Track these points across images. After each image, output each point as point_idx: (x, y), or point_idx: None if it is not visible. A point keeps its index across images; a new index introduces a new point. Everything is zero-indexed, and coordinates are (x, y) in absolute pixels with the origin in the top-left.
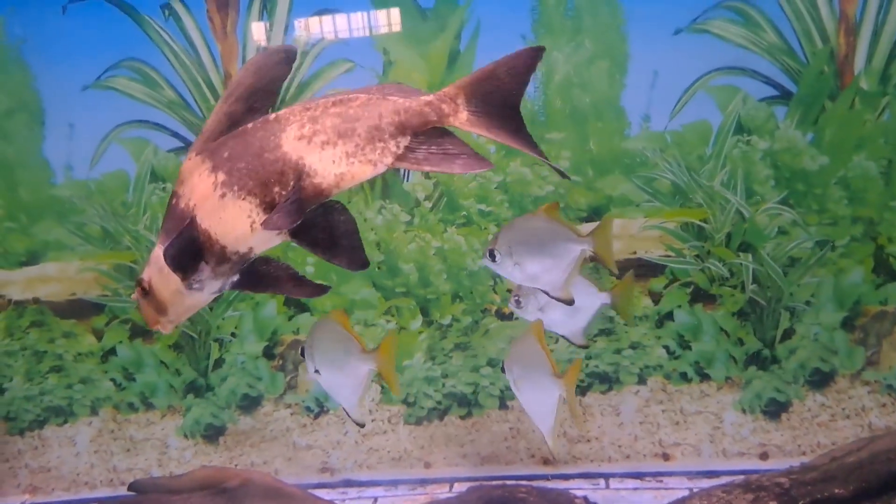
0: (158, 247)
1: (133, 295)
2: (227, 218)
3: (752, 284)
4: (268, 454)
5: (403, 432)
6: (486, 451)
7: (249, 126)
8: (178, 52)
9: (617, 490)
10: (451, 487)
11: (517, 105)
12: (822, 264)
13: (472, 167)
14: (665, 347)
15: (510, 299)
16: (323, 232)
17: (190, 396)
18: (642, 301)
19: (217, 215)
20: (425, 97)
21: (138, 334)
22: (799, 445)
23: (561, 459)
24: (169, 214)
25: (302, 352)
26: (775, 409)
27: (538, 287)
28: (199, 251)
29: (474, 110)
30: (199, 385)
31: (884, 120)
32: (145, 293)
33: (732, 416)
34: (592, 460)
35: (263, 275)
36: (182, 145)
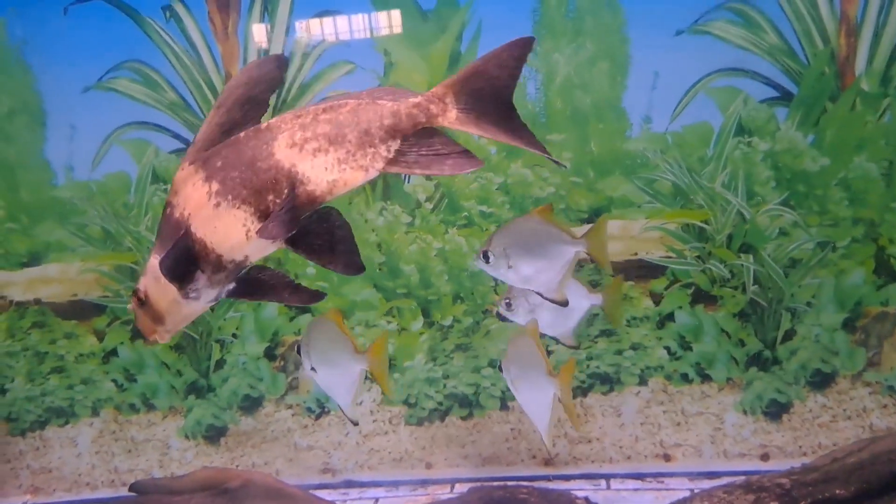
0: (154, 257)
1: (129, 305)
2: (222, 227)
3: (753, 285)
4: (269, 455)
5: (404, 433)
6: (488, 452)
7: (242, 135)
8: (180, 54)
9: (618, 491)
10: (453, 488)
11: (509, 98)
12: (823, 265)
13: (463, 167)
14: (666, 348)
15: (500, 302)
16: (318, 238)
17: (191, 397)
18: (643, 302)
19: (212, 224)
20: (413, 99)
21: (139, 335)
22: (800, 446)
23: (562, 460)
24: (163, 224)
25: (298, 350)
26: (776, 410)
27: (532, 289)
28: (195, 260)
29: (463, 108)
30: (201, 386)
31: (885, 121)
32: (142, 303)
33: (733, 417)
34: (593, 461)
35: (259, 283)
36: (183, 147)
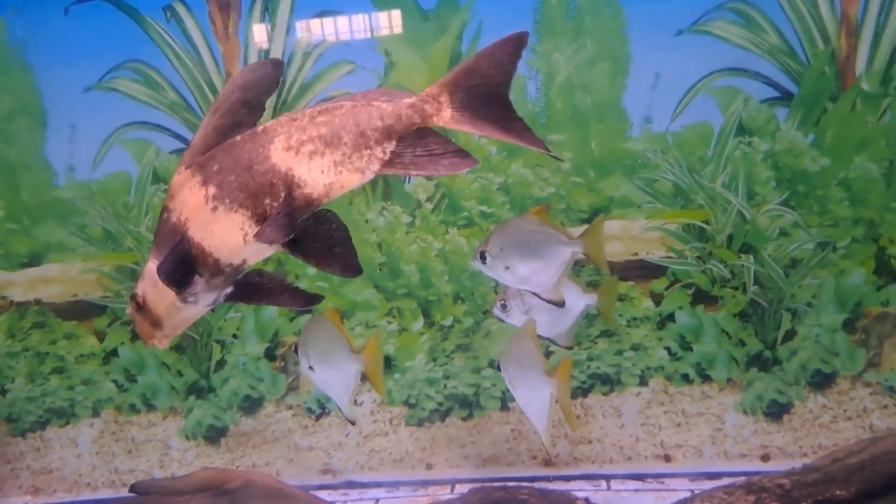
0: (151, 262)
1: (128, 311)
2: (220, 231)
3: (754, 286)
4: (269, 455)
5: (405, 434)
6: (488, 453)
7: (238, 138)
8: (180, 54)
9: (618, 491)
10: (453, 489)
11: (505, 95)
12: (824, 266)
13: (459, 167)
14: (666, 349)
15: (495, 304)
16: (316, 241)
17: (192, 398)
18: (643, 302)
19: (209, 228)
20: (408, 100)
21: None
22: (800, 447)
23: (562, 461)
24: (160, 229)
25: (295, 349)
26: (777, 411)
27: (529, 289)
28: (193, 265)
29: (458, 107)
30: (201, 386)
31: (885, 121)
32: (140, 308)
33: (734, 418)
34: (594, 462)
35: (257, 286)
36: (184, 147)
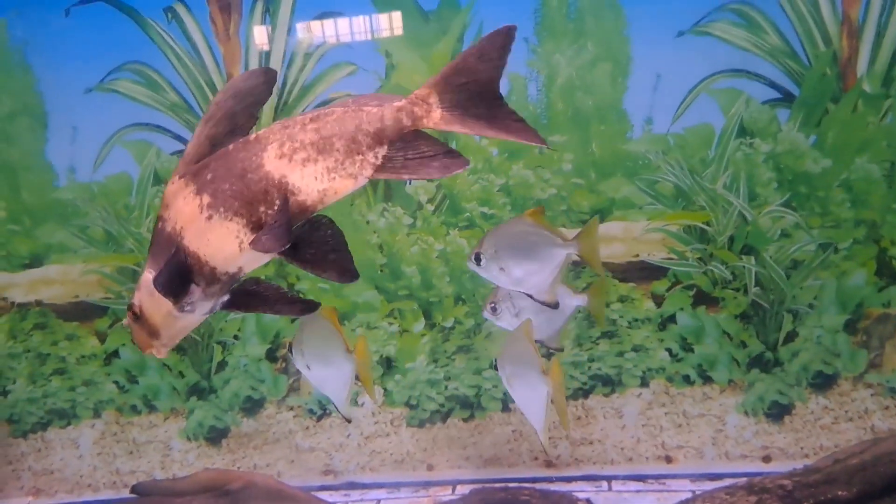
0: (147, 272)
1: (125, 321)
2: (215, 239)
3: (755, 287)
4: (271, 456)
5: (406, 435)
6: (489, 454)
7: (231, 147)
8: (181, 55)
9: (619, 492)
10: (454, 490)
11: (495, 91)
12: (825, 267)
13: (451, 168)
14: (668, 350)
15: (485, 306)
16: (311, 247)
17: (193, 399)
18: (645, 304)
19: (205, 237)
20: (397, 103)
21: None
22: (801, 448)
23: (563, 462)
24: (156, 239)
25: (289, 347)
26: (778, 412)
27: (523, 291)
28: (189, 274)
29: (448, 107)
30: (202, 387)
31: (886, 122)
32: (137, 318)
33: (735, 419)
34: (595, 463)
35: (254, 294)
36: (185, 148)
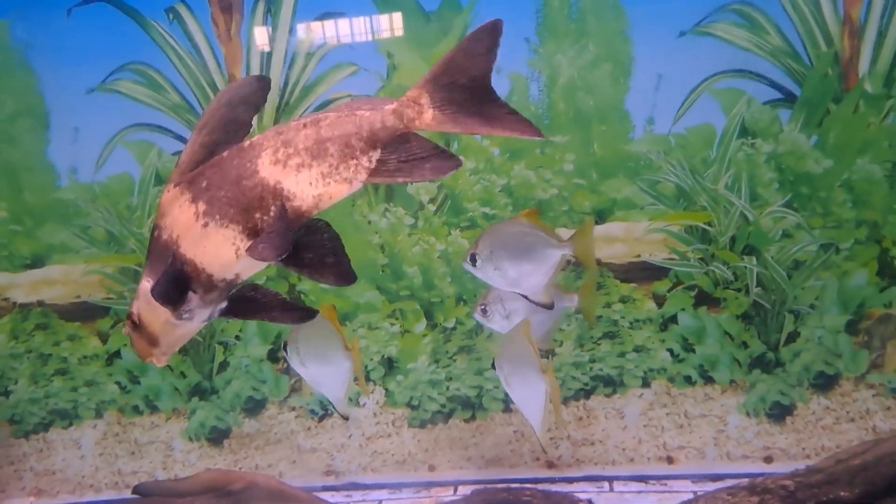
0: (145, 281)
1: (124, 330)
2: (212, 247)
3: (757, 287)
4: (272, 457)
5: (408, 435)
6: (491, 454)
7: (225, 154)
8: (183, 56)
9: (621, 493)
10: (456, 490)
11: (487, 86)
12: (827, 267)
13: (444, 170)
14: (669, 351)
15: (475, 308)
16: (308, 251)
17: (194, 399)
18: (646, 304)
19: (201, 245)
20: (389, 106)
21: None
22: (803, 449)
23: (565, 462)
24: (152, 247)
25: (285, 346)
26: (779, 413)
27: (518, 291)
28: (187, 282)
29: (439, 106)
30: (204, 388)
31: (888, 123)
32: (136, 327)
33: (736, 420)
34: (596, 463)
35: (252, 301)
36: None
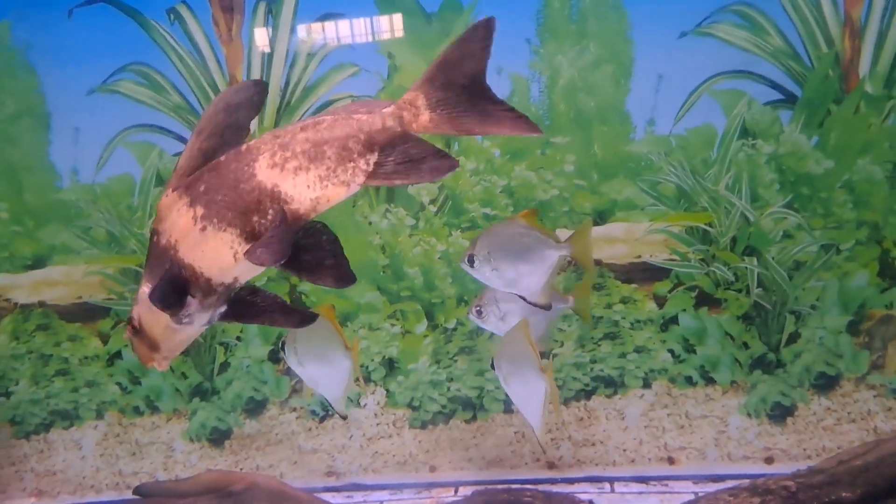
0: (144, 285)
1: (125, 335)
2: (210, 250)
3: (757, 288)
4: (273, 458)
5: (409, 436)
6: (492, 455)
7: (223, 158)
8: (184, 56)
9: (622, 494)
10: (457, 491)
11: (482, 85)
12: (828, 268)
13: (441, 171)
14: (670, 351)
15: (470, 310)
16: (306, 254)
17: (195, 400)
18: (647, 305)
19: (199, 249)
20: (386, 109)
21: None
22: (804, 449)
23: (566, 463)
24: (151, 252)
25: (282, 345)
26: (780, 413)
27: (516, 292)
28: (185, 286)
29: (435, 108)
30: (205, 389)
31: (889, 124)
32: (136, 332)
33: (737, 420)
34: (597, 464)
35: (251, 304)
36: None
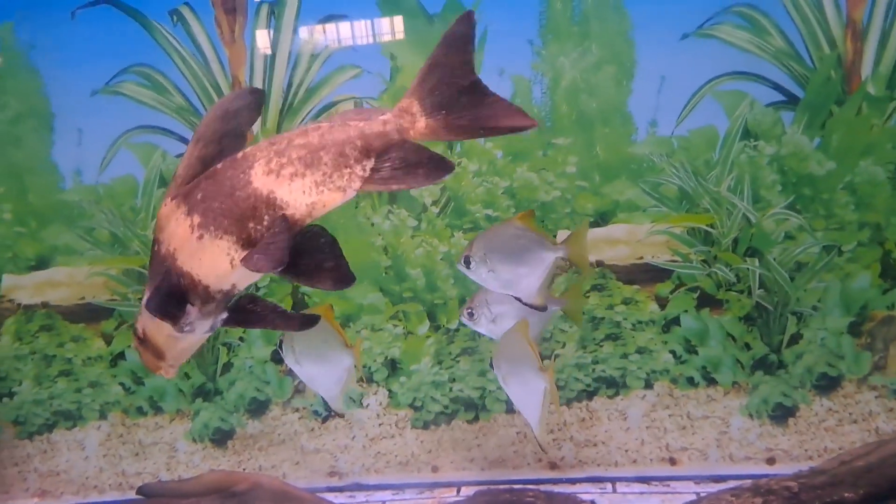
0: (147, 295)
1: (132, 344)
2: (207, 258)
3: (759, 289)
4: (276, 458)
5: (411, 436)
6: (494, 456)
7: (219, 166)
8: (186, 58)
9: (624, 494)
10: (459, 491)
11: (471, 78)
12: (829, 269)
13: (437, 174)
14: (672, 352)
15: (462, 312)
16: (305, 258)
17: (198, 400)
18: (649, 306)
19: (197, 257)
20: (383, 117)
21: None
22: (806, 450)
23: (568, 464)
24: (153, 261)
25: (280, 344)
26: (782, 414)
27: (512, 294)
28: (185, 295)
29: (430, 112)
30: (208, 389)
31: (891, 125)
32: (142, 342)
33: (739, 421)
34: (599, 465)
35: (251, 312)
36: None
